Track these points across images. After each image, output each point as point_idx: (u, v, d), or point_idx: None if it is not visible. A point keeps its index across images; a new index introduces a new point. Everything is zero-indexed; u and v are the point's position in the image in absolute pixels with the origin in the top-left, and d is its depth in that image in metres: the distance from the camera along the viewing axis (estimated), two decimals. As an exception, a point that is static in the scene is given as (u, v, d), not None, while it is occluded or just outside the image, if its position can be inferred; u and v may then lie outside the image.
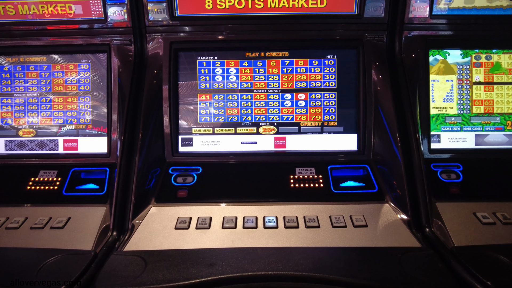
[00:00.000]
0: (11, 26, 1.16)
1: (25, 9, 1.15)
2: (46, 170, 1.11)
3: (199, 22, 1.16)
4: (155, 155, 1.11)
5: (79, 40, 1.16)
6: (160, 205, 1.02)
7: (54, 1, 1.14)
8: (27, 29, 1.17)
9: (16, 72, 1.19)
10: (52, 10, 1.14)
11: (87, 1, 1.13)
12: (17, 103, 1.18)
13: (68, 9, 1.14)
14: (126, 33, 1.15)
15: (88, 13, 1.14)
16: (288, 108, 1.15)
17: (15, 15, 1.15)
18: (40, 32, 1.17)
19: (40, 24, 1.16)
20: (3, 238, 0.92)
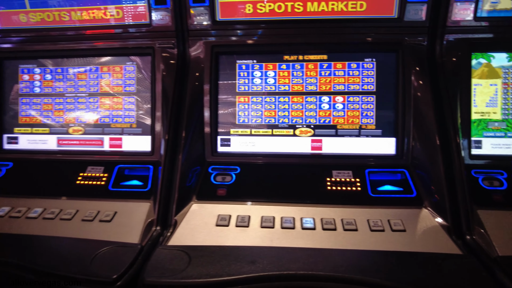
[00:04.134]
0: (65, 31, 1.24)
1: (77, 15, 1.22)
2: (93, 166, 1.18)
3: (239, 26, 1.19)
4: (196, 154, 1.15)
5: (125, 43, 1.23)
6: (201, 202, 1.06)
7: (103, 7, 1.21)
8: (78, 33, 1.24)
9: (68, 74, 1.27)
10: (102, 16, 1.21)
11: (134, 6, 1.19)
12: (68, 102, 1.26)
13: (116, 14, 1.20)
14: (169, 36, 1.20)
15: (134, 17, 1.20)
16: (326, 111, 1.16)
17: (68, 21, 1.23)
18: (91, 36, 1.24)
19: (91, 28, 1.23)
20: (59, 228, 0.99)
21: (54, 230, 0.99)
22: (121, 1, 1.19)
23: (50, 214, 1.05)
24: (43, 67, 1.28)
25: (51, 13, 1.24)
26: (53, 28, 1.25)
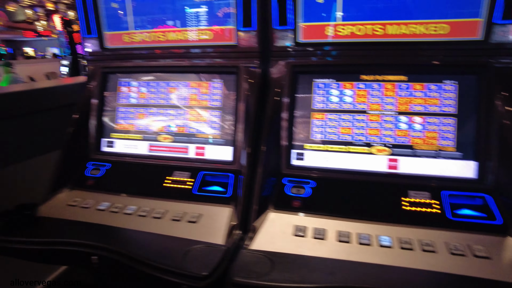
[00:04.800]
0: (167, 50, 1.40)
1: (173, 36, 1.38)
2: (179, 171, 1.31)
3: (319, 47, 1.25)
4: (272, 166, 1.22)
5: (213, 62, 1.35)
6: (277, 211, 1.12)
7: (196, 28, 1.35)
8: (173, 52, 1.40)
9: (160, 87, 1.42)
10: (194, 36, 1.35)
11: (223, 28, 1.31)
12: (160, 113, 1.41)
13: (207, 35, 1.34)
14: (253, 57, 1.30)
15: (223, 39, 1.32)
16: (403, 131, 1.17)
17: (165, 41, 1.39)
18: (182, 54, 1.39)
19: (182, 48, 1.38)
20: (152, 225, 1.12)
21: (147, 226, 1.12)
22: (212, 24, 1.32)
23: (144, 212, 1.18)
24: (139, 81, 1.46)
25: (149, 34, 1.41)
26: (148, 47, 1.43)
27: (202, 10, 1.33)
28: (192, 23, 1.35)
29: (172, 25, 1.39)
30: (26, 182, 1.70)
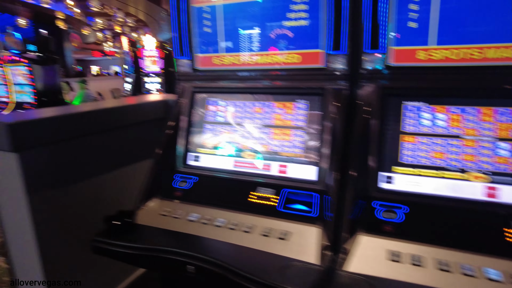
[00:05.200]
0: (255, 72, 1.48)
1: (261, 59, 1.46)
2: (263, 187, 1.35)
3: (411, 71, 1.25)
4: (359, 188, 1.22)
5: (300, 83, 1.40)
6: (368, 235, 1.11)
7: (285, 52, 1.41)
8: (259, 74, 1.47)
9: (246, 107, 1.50)
10: (282, 60, 1.42)
11: (312, 52, 1.36)
12: (245, 131, 1.48)
13: (295, 58, 1.40)
14: (341, 79, 1.33)
15: (311, 61, 1.37)
16: (504, 158, 1.12)
17: (254, 63, 1.47)
18: (270, 76, 1.46)
19: (271, 70, 1.45)
20: (243, 239, 1.16)
21: (238, 239, 1.17)
22: (300, 47, 1.38)
23: (232, 225, 1.23)
24: (226, 101, 1.55)
25: (239, 57, 1.51)
26: (237, 69, 1.52)
27: (290, 34, 1.39)
28: (280, 46, 1.42)
29: (258, 49, 1.47)
30: (117, 189, 1.86)
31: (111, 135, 1.80)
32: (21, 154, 1.36)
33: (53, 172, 1.52)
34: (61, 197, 1.57)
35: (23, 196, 1.40)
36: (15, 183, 1.39)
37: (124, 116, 1.85)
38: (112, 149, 1.82)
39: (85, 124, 1.63)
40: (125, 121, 1.86)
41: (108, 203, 1.81)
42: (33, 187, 1.42)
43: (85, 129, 1.63)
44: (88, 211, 1.71)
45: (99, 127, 1.70)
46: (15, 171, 1.37)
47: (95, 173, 1.74)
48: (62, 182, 1.57)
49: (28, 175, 1.40)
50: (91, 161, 1.70)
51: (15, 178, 1.38)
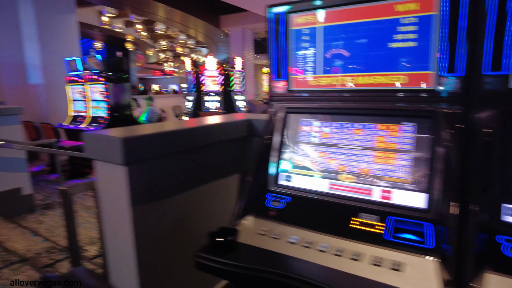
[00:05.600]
0: (354, 93, 1.46)
1: (363, 80, 1.43)
2: (365, 213, 1.29)
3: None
4: (480, 220, 1.12)
5: (407, 105, 1.35)
6: (495, 273, 1.00)
7: (390, 73, 1.37)
8: (361, 95, 1.44)
9: (345, 128, 1.47)
10: (387, 81, 1.38)
11: (421, 73, 1.30)
12: (342, 153, 1.44)
13: (402, 80, 1.35)
14: (453, 102, 1.25)
15: (420, 83, 1.31)
16: None
17: (355, 84, 1.45)
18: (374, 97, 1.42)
19: (375, 92, 1.41)
20: (351, 267, 1.11)
21: (347, 267, 1.12)
22: (409, 69, 1.33)
23: (337, 251, 1.19)
24: (322, 121, 1.53)
25: (337, 78, 1.49)
26: (334, 90, 1.50)
27: (395, 56, 1.35)
28: (384, 67, 1.38)
29: (359, 70, 1.44)
30: (205, 204, 1.91)
31: (202, 152, 1.86)
32: (129, 167, 1.45)
33: (152, 186, 1.60)
34: (156, 210, 1.64)
35: (127, 207, 1.48)
36: (122, 194, 1.48)
37: (214, 134, 1.92)
38: (202, 165, 1.89)
39: (181, 141, 1.71)
40: (215, 139, 1.92)
41: (198, 217, 1.87)
42: (136, 199, 1.51)
43: (181, 146, 1.71)
44: (179, 225, 1.77)
45: (193, 144, 1.77)
46: (123, 183, 1.46)
47: (186, 189, 1.80)
48: (159, 196, 1.65)
49: (132, 188, 1.48)
50: (184, 176, 1.77)
51: (123, 190, 1.47)
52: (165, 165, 1.65)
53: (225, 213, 2.13)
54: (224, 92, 10.50)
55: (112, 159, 1.45)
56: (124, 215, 1.50)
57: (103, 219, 1.65)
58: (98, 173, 1.58)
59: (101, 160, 1.53)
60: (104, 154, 1.48)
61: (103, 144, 1.48)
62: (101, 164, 1.54)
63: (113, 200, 1.56)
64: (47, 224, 4.54)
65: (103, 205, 1.61)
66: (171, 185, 1.71)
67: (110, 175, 1.52)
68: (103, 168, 1.54)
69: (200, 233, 1.94)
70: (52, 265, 3.28)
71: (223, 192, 2.12)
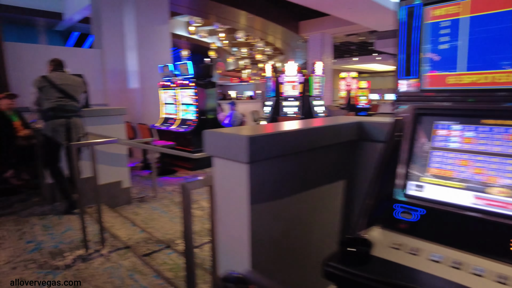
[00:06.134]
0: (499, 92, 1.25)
1: None
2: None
3: None
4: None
5: None
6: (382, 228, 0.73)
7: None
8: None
9: (495, 133, 1.26)
10: None
11: None
12: (493, 162, 1.24)
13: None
14: None
15: None
16: None
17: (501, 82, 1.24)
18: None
19: None
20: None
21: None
22: None
23: (500, 278, 1.00)
24: (463, 125, 1.34)
25: (486, 75, 1.29)
26: (485, 89, 1.30)
27: None
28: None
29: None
30: (314, 208, 1.85)
31: (311, 154, 1.80)
32: (251, 166, 1.44)
33: (268, 186, 1.58)
34: (270, 211, 1.61)
35: (246, 206, 1.47)
36: (242, 192, 1.47)
37: (325, 136, 1.84)
38: (310, 169, 1.82)
39: (298, 141, 1.66)
40: (325, 141, 1.84)
41: (305, 221, 1.81)
42: (254, 198, 1.49)
43: (297, 147, 1.66)
44: (290, 228, 1.72)
45: (307, 146, 1.71)
46: (244, 182, 1.45)
47: (296, 191, 1.75)
48: (273, 196, 1.62)
49: (252, 186, 1.47)
50: (294, 179, 1.72)
51: (243, 188, 1.47)
52: (280, 166, 1.62)
53: (330, 220, 2.03)
54: (303, 97, 10.43)
55: (234, 157, 1.46)
56: (242, 213, 1.49)
57: (218, 215, 1.67)
58: (217, 170, 1.60)
59: (221, 157, 1.55)
60: (226, 151, 1.50)
61: (226, 142, 1.49)
62: (221, 162, 1.56)
63: (231, 197, 1.56)
64: (142, 216, 4.93)
65: (220, 202, 1.64)
66: (283, 186, 1.67)
67: (230, 172, 1.53)
68: (223, 165, 1.56)
69: (307, 238, 1.87)
70: (150, 254, 3.52)
71: (328, 199, 2.02)
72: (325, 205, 1.97)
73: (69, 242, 3.67)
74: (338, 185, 2.05)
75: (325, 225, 1.99)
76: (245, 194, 1.46)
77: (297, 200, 1.77)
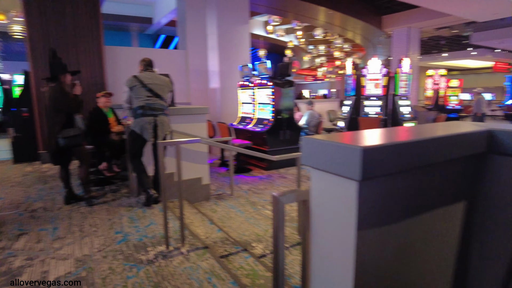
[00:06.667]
0: None
1: None
2: None
3: None
4: None
5: None
6: None
7: None
8: None
9: None
10: None
11: None
12: None
13: None
14: None
15: None
16: None
17: None
18: None
19: None
20: None
21: None
22: None
23: None
24: None
25: None
26: None
27: None
28: None
29: None
30: (429, 232, 1.52)
31: (431, 169, 1.47)
32: (361, 183, 1.18)
33: (379, 207, 1.30)
34: (380, 236, 1.34)
35: (352, 229, 1.22)
36: (347, 213, 1.23)
37: (448, 147, 1.49)
38: (425, 187, 1.49)
39: (417, 155, 1.35)
40: (447, 154, 1.49)
41: (418, 249, 1.49)
42: (362, 221, 1.23)
43: (414, 162, 1.35)
44: (401, 256, 1.43)
45: (428, 159, 1.39)
46: (352, 201, 1.21)
47: (409, 214, 1.44)
48: (384, 219, 1.34)
49: (361, 207, 1.21)
50: (408, 199, 1.42)
51: (350, 208, 1.22)
52: (393, 184, 1.33)
53: (445, 250, 1.67)
54: (386, 96, 9.66)
55: (341, 172, 1.22)
56: (347, 238, 1.25)
57: (313, 234, 1.45)
58: (315, 184, 1.38)
59: (322, 170, 1.32)
60: (330, 164, 1.27)
61: (331, 152, 1.26)
62: (322, 175, 1.33)
63: (333, 218, 1.33)
64: (219, 214, 4.97)
65: (316, 220, 1.41)
66: (394, 209, 1.38)
67: (333, 189, 1.29)
68: (324, 180, 1.33)
69: (418, 269, 1.55)
70: (227, 256, 3.46)
71: (445, 224, 1.66)
72: (441, 232, 1.62)
73: (152, 236, 3.80)
74: (457, 209, 1.68)
75: (440, 255, 1.64)
76: (352, 217, 1.21)
77: (409, 225, 1.46)
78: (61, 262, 3.21)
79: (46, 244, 3.63)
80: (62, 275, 2.98)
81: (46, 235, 3.86)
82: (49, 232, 3.93)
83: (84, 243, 3.63)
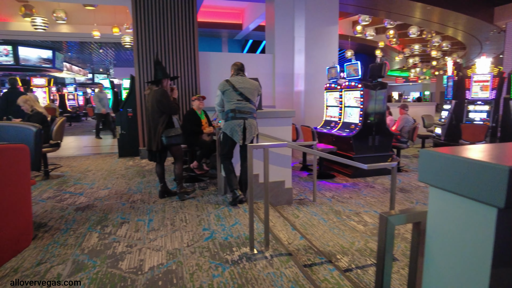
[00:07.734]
0: None
1: None
2: None
3: None
4: None
5: None
6: None
7: None
8: None
9: None
10: None
11: None
12: None
13: None
14: None
15: None
16: None
17: None
18: None
19: None
20: None
21: None
22: None
23: None
24: None
25: None
26: None
27: None
28: None
29: None
30: None
31: None
32: (501, 211, 0.96)
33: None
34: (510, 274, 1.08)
35: (486, 267, 1.00)
36: (482, 248, 1.02)
37: None
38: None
39: None
40: None
41: None
42: (498, 257, 1.00)
43: None
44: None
45: None
46: (489, 233, 0.99)
47: None
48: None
49: (498, 239, 0.98)
50: None
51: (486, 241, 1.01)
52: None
53: None
54: (496, 101, 8.38)
55: (474, 194, 1.01)
56: (475, 274, 1.03)
57: (427, 262, 1.25)
58: (436, 204, 1.18)
59: (447, 190, 1.12)
60: (458, 184, 1.06)
61: (461, 170, 1.06)
62: (446, 196, 1.13)
63: (458, 248, 1.12)
64: (301, 220, 4.85)
65: (434, 247, 1.21)
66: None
67: (461, 214, 1.09)
68: (448, 201, 1.13)
69: None
70: (311, 266, 3.33)
71: None
72: None
73: (237, 236, 3.87)
74: None
75: None
76: (487, 251, 0.99)
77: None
78: (154, 253, 3.46)
79: (143, 234, 3.96)
80: (155, 265, 3.20)
81: (143, 225, 4.23)
82: (145, 223, 4.30)
83: (175, 237, 3.87)
